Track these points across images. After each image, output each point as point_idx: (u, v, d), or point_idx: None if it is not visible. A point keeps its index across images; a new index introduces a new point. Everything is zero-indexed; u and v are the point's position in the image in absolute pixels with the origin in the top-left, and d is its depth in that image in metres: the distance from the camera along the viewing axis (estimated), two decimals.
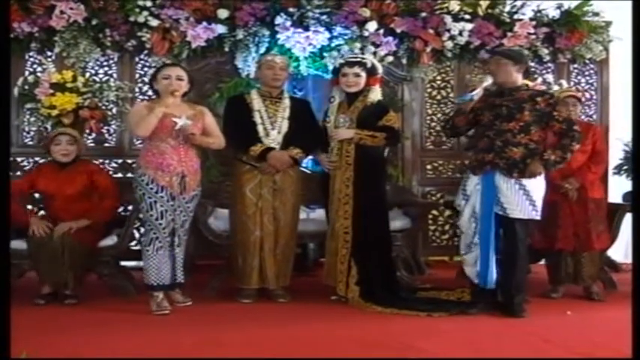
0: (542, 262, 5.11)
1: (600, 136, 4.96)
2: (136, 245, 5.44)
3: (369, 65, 4.66)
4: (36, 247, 4.45)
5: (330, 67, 5.41)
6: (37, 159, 5.67)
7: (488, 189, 4.29)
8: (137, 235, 5.47)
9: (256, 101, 4.68)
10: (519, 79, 4.39)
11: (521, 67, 4.38)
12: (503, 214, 4.24)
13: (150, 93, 5.78)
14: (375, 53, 5.76)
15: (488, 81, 4.35)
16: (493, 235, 4.28)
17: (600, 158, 4.90)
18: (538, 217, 4.30)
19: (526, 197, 4.21)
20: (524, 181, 4.21)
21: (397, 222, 5.04)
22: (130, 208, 5.08)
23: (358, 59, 4.73)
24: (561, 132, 4.26)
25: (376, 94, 4.69)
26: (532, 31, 6.05)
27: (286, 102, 4.74)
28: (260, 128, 4.63)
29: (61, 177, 4.66)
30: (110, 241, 4.73)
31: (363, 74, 4.62)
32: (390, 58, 5.91)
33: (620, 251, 5.68)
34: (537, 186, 4.26)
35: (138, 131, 4.31)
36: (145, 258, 4.30)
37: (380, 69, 4.81)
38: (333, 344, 3.58)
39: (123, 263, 5.11)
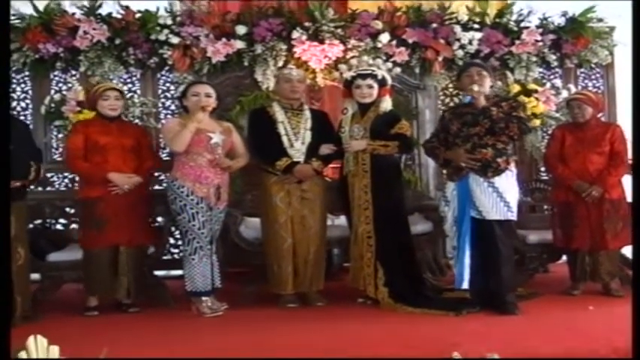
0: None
1: (619, 136, 5.01)
2: (165, 255, 5.60)
3: (380, 77, 4.84)
4: (96, 258, 4.61)
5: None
6: (65, 174, 5.86)
7: (463, 193, 4.49)
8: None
9: (279, 113, 4.86)
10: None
11: (491, 79, 4.67)
12: (480, 217, 4.43)
13: (172, 107, 6.02)
14: (394, 62, 5.99)
15: (476, 88, 4.49)
16: (469, 237, 4.48)
17: (620, 159, 4.94)
18: (514, 218, 4.47)
19: (500, 199, 4.39)
20: (497, 183, 4.40)
21: (419, 226, 5.20)
22: (158, 219, 5.24)
23: (370, 71, 4.90)
24: (520, 129, 4.45)
25: (387, 104, 4.86)
26: (539, 38, 6.21)
27: (307, 114, 4.93)
28: (285, 139, 4.80)
29: (113, 129, 4.74)
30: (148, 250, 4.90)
31: (375, 85, 4.79)
32: (399, 69, 6.08)
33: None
34: (509, 187, 4.45)
35: (174, 147, 4.50)
36: (190, 266, 4.49)
37: (389, 80, 5.00)
38: (372, 343, 3.72)
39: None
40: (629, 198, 5.04)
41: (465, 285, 4.53)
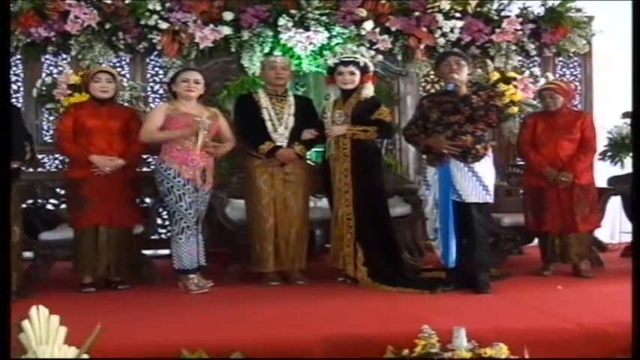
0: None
1: (589, 123, 5.16)
2: (153, 235, 5.75)
3: (362, 64, 4.98)
4: (80, 237, 4.77)
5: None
6: (56, 156, 6.02)
7: (445, 178, 4.67)
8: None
9: (264, 99, 5.01)
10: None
11: (469, 67, 4.80)
12: (460, 200, 4.61)
13: (161, 92, 6.17)
14: (377, 50, 6.20)
15: (456, 76, 4.63)
16: (452, 220, 4.67)
17: (589, 147, 5.12)
18: (491, 201, 4.68)
19: (479, 182, 4.58)
20: (476, 168, 4.58)
21: (398, 209, 5.37)
22: (147, 200, 5.42)
23: (352, 59, 5.05)
24: (498, 117, 4.69)
25: (369, 91, 4.99)
26: (519, 27, 6.40)
27: (291, 99, 5.08)
28: (269, 124, 4.96)
29: (103, 112, 4.82)
30: (136, 230, 5.03)
31: (357, 72, 4.91)
32: (381, 57, 6.29)
33: (605, 232, 6.05)
34: (487, 171, 4.64)
35: (142, 134, 4.68)
36: (178, 245, 4.67)
37: (371, 67, 5.13)
38: (350, 320, 3.88)
39: None
40: (597, 183, 5.28)
41: (452, 264, 4.72)
